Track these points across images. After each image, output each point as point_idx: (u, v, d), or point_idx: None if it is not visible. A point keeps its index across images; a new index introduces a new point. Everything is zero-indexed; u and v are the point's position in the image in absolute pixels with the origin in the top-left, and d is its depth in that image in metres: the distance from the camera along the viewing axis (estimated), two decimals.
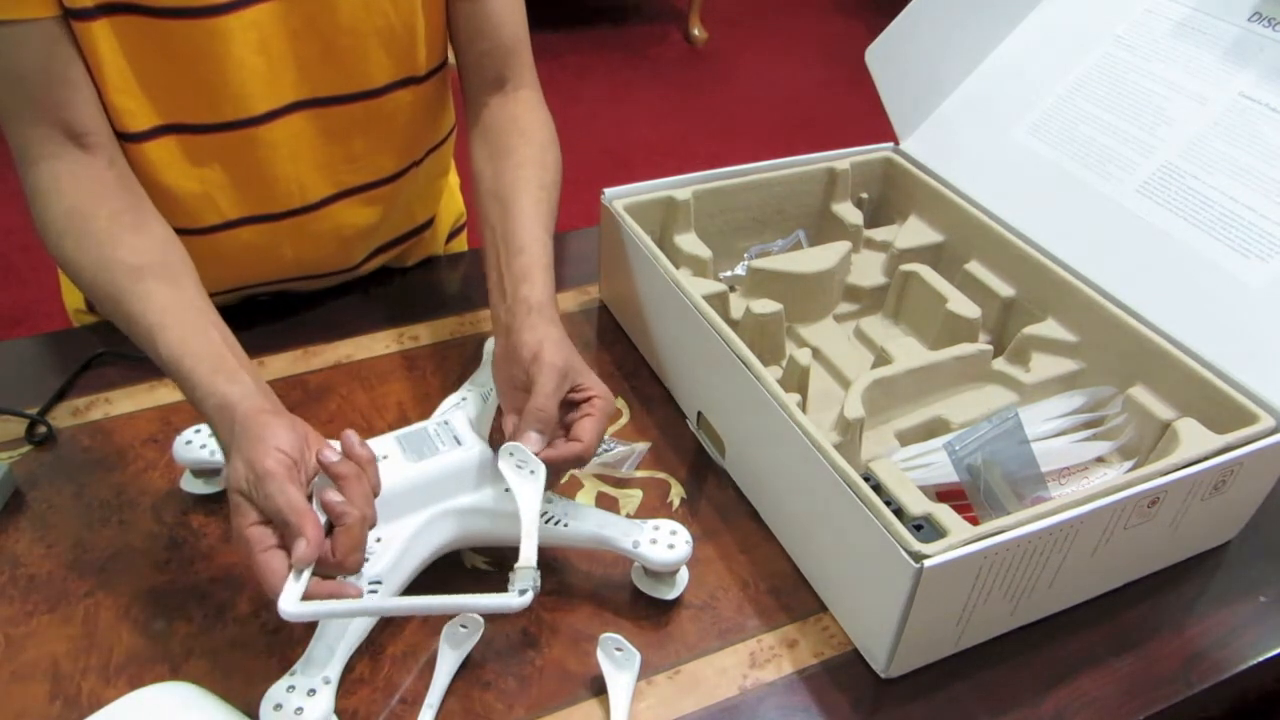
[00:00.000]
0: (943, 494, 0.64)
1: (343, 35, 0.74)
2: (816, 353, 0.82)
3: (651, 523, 0.65)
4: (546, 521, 0.63)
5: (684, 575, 0.66)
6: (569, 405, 0.64)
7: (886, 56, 0.93)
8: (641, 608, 0.65)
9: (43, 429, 0.75)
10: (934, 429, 0.73)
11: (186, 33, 0.68)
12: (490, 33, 0.80)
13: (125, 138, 0.72)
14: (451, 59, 0.84)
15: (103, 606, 0.63)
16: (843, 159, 0.93)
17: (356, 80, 0.77)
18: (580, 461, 0.62)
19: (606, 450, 0.75)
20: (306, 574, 0.51)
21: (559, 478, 0.63)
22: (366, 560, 0.59)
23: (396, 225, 0.92)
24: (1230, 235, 0.73)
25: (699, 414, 0.78)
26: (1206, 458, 0.63)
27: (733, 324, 0.78)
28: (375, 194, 0.85)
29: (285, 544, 0.52)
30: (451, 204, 1.05)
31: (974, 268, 0.85)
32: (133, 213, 0.67)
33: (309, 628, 0.58)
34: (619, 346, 0.88)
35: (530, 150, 0.77)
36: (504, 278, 0.69)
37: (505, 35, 0.80)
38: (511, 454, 0.60)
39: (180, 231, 0.78)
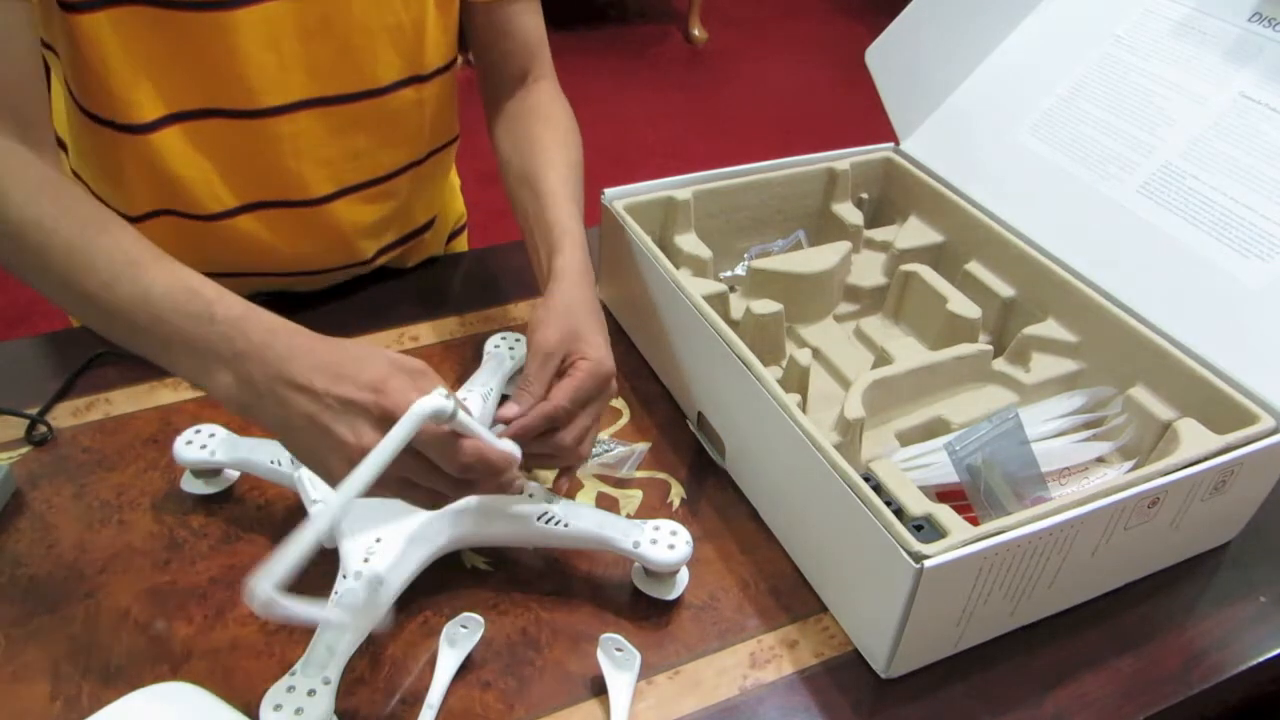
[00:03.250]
0: (943, 494, 0.64)
1: (355, 33, 0.74)
2: (816, 353, 0.82)
3: (651, 523, 0.65)
4: (546, 522, 0.63)
5: (684, 575, 0.66)
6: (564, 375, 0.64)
7: (886, 56, 0.93)
8: (641, 608, 0.65)
9: (43, 429, 0.75)
10: (934, 429, 0.73)
11: (195, 24, 0.68)
12: (514, 33, 0.82)
13: (132, 129, 0.72)
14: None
15: (103, 606, 0.63)
16: (843, 159, 0.93)
17: (364, 78, 0.78)
18: (549, 421, 0.60)
19: (606, 450, 0.75)
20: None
21: (553, 457, 0.62)
22: (367, 561, 0.59)
23: (397, 226, 0.92)
24: (1230, 235, 0.73)
25: (699, 414, 0.78)
26: (1206, 458, 0.63)
27: (733, 324, 0.78)
28: (375, 191, 0.85)
29: None
30: (453, 205, 1.05)
31: (974, 268, 0.85)
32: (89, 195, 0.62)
33: (310, 628, 0.58)
34: (619, 346, 0.87)
35: (555, 134, 0.79)
36: (540, 250, 0.71)
37: (528, 34, 0.82)
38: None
39: (182, 217, 0.79)
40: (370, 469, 0.47)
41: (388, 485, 0.51)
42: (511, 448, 0.56)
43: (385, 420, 0.49)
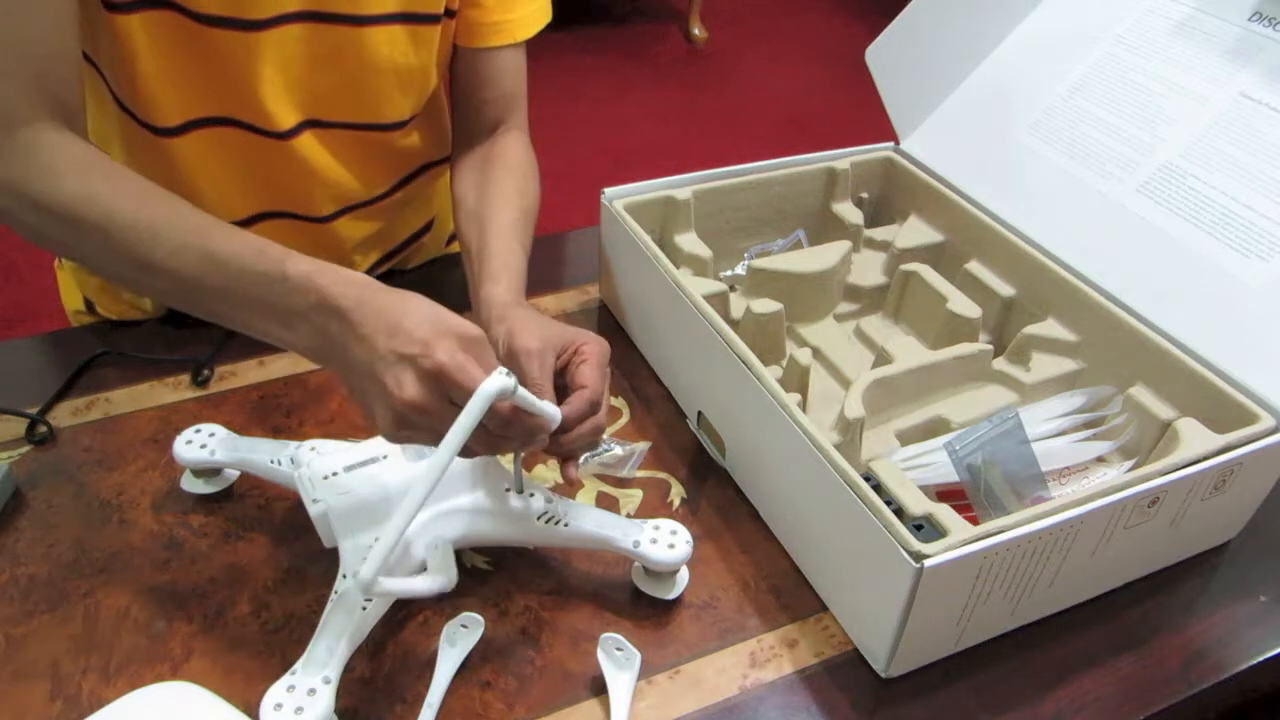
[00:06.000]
0: (943, 494, 0.64)
1: (362, 68, 0.75)
2: (817, 352, 0.82)
3: (651, 522, 0.65)
4: (546, 522, 0.63)
5: (684, 575, 0.66)
6: (563, 369, 0.63)
7: (886, 56, 0.93)
8: (641, 608, 0.65)
9: (43, 429, 0.75)
10: (934, 429, 0.73)
11: (217, 40, 0.69)
12: (495, 81, 0.82)
13: (158, 131, 0.73)
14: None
15: (103, 606, 0.63)
16: (843, 159, 0.93)
17: (365, 111, 0.79)
18: (595, 407, 0.61)
19: (606, 450, 0.75)
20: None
21: (586, 436, 0.61)
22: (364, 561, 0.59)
23: (394, 235, 0.94)
24: (1230, 235, 0.73)
25: (699, 414, 0.78)
26: (1206, 457, 0.63)
27: (733, 324, 0.78)
28: (374, 209, 0.87)
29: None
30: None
31: (974, 267, 0.85)
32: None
33: (310, 627, 0.58)
34: (619, 346, 0.88)
35: (512, 179, 0.79)
36: (472, 277, 0.70)
37: (509, 84, 0.83)
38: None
39: None
40: (447, 451, 0.50)
41: (424, 436, 0.53)
42: (554, 411, 0.57)
43: (429, 376, 0.51)
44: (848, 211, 0.92)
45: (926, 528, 0.59)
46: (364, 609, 0.57)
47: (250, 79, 0.72)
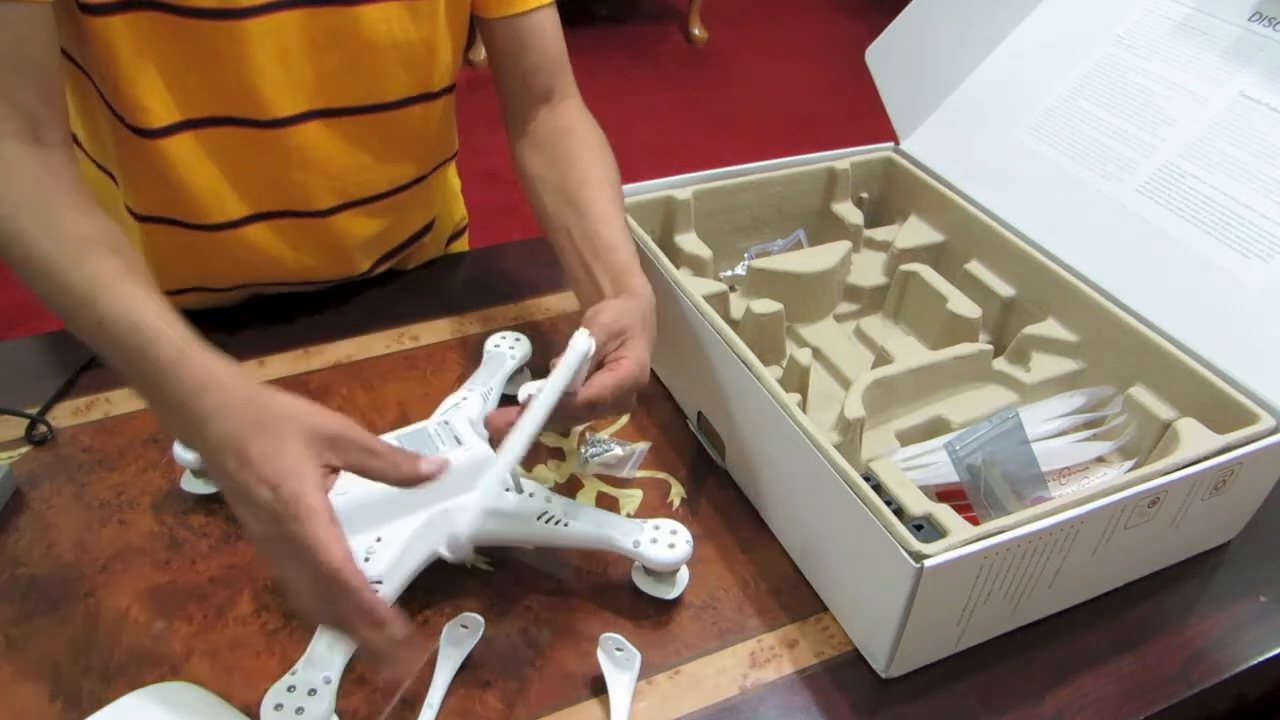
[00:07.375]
0: (943, 494, 0.64)
1: (363, 48, 0.75)
2: (817, 353, 0.82)
3: (651, 522, 0.65)
4: (546, 522, 0.63)
5: (684, 575, 0.66)
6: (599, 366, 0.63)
7: (886, 56, 0.93)
8: (641, 608, 0.65)
9: (43, 429, 0.75)
10: (934, 429, 0.73)
11: (208, 33, 0.69)
12: (536, 47, 0.80)
13: (144, 134, 0.72)
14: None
15: (103, 606, 0.63)
16: (843, 159, 0.93)
17: (370, 92, 0.78)
18: (587, 411, 0.61)
19: (606, 450, 0.75)
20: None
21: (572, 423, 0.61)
22: (367, 560, 0.59)
23: (395, 236, 0.93)
24: (1230, 235, 0.73)
25: (699, 414, 0.78)
26: (1206, 458, 0.63)
27: (733, 324, 0.78)
28: (377, 206, 0.86)
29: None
30: (453, 209, 1.05)
31: (974, 267, 0.85)
32: (87, 202, 0.62)
33: (310, 627, 0.58)
34: None
35: (592, 154, 0.78)
36: (595, 273, 0.69)
37: (551, 49, 0.81)
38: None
39: (188, 227, 0.79)
40: (534, 422, 0.56)
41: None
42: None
43: (276, 520, 0.48)
44: (848, 211, 0.92)
45: (926, 528, 0.59)
46: None
47: (244, 69, 0.71)
